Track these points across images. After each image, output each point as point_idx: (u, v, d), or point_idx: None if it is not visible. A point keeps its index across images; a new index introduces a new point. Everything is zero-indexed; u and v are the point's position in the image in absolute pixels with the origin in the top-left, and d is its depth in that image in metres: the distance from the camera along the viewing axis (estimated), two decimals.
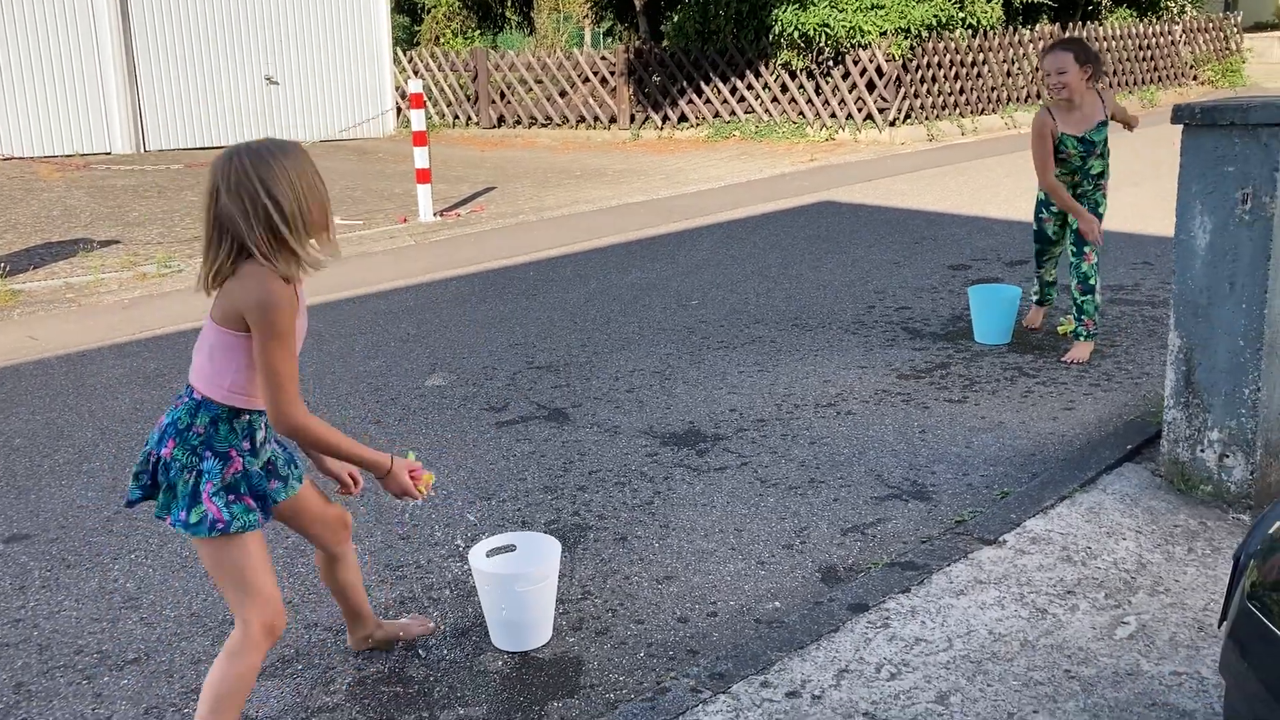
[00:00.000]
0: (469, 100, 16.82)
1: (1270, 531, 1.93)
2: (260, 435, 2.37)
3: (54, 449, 4.39)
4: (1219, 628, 2.62)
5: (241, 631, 2.29)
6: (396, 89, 16.31)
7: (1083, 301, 5.00)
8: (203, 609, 3.10)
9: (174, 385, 5.11)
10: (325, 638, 2.93)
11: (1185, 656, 2.66)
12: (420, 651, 2.85)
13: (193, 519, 2.22)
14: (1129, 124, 5.16)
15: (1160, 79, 18.29)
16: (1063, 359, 5.02)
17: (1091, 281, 4.97)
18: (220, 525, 2.23)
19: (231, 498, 2.26)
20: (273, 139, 2.26)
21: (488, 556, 2.88)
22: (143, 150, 13.47)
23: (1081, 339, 5.06)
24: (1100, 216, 4.96)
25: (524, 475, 3.97)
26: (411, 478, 2.44)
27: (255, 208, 2.15)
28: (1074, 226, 4.98)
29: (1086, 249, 4.96)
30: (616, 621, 2.96)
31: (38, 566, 3.40)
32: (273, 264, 2.17)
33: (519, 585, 2.74)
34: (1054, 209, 5.12)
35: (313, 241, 2.24)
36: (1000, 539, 3.27)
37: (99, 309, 6.67)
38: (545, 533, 3.36)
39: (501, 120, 16.52)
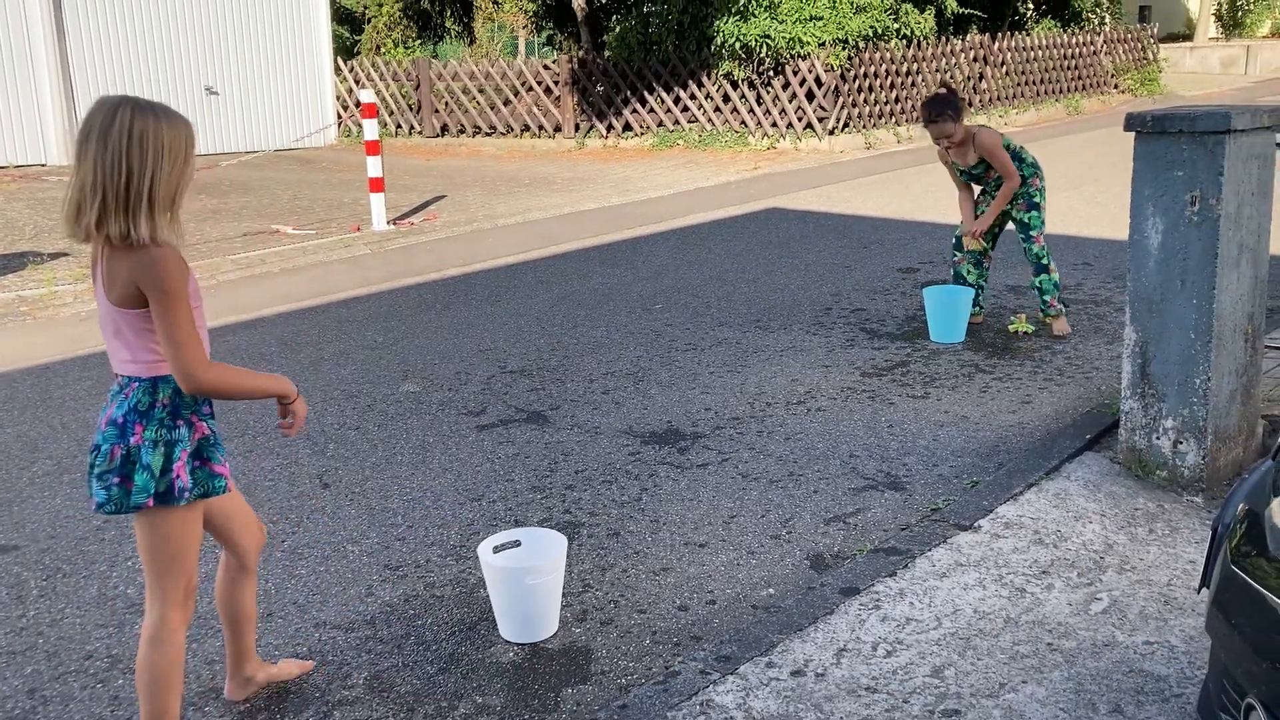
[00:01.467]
0: (412, 109, 16.81)
1: (1243, 502, 2.12)
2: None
3: (30, 461, 4.37)
4: (1198, 592, 2.82)
5: (158, 614, 2.33)
6: (337, 98, 16.24)
7: (1040, 282, 5.53)
8: (208, 611, 3.14)
9: None
10: (335, 635, 3.00)
11: (1155, 628, 2.85)
12: (432, 645, 2.93)
13: (160, 487, 2.23)
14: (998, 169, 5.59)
15: (1084, 87, 18.92)
16: (1055, 335, 5.57)
17: (1044, 261, 5.50)
18: (186, 492, 2.26)
19: (197, 463, 2.32)
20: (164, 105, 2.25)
21: (494, 552, 2.97)
22: None
23: (1054, 316, 5.58)
24: (1038, 207, 5.56)
25: (511, 476, 4.06)
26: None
27: (137, 171, 2.13)
28: (1018, 217, 5.55)
29: (1033, 233, 5.50)
30: (619, 612, 3.08)
31: (33, 576, 3.41)
32: (147, 228, 2.15)
33: (530, 578, 2.85)
34: (963, 250, 5.74)
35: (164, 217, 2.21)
36: (975, 525, 3.45)
37: (56, 322, 6.60)
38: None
39: (445, 129, 16.52)
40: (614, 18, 17.23)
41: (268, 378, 2.39)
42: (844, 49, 14.17)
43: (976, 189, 5.79)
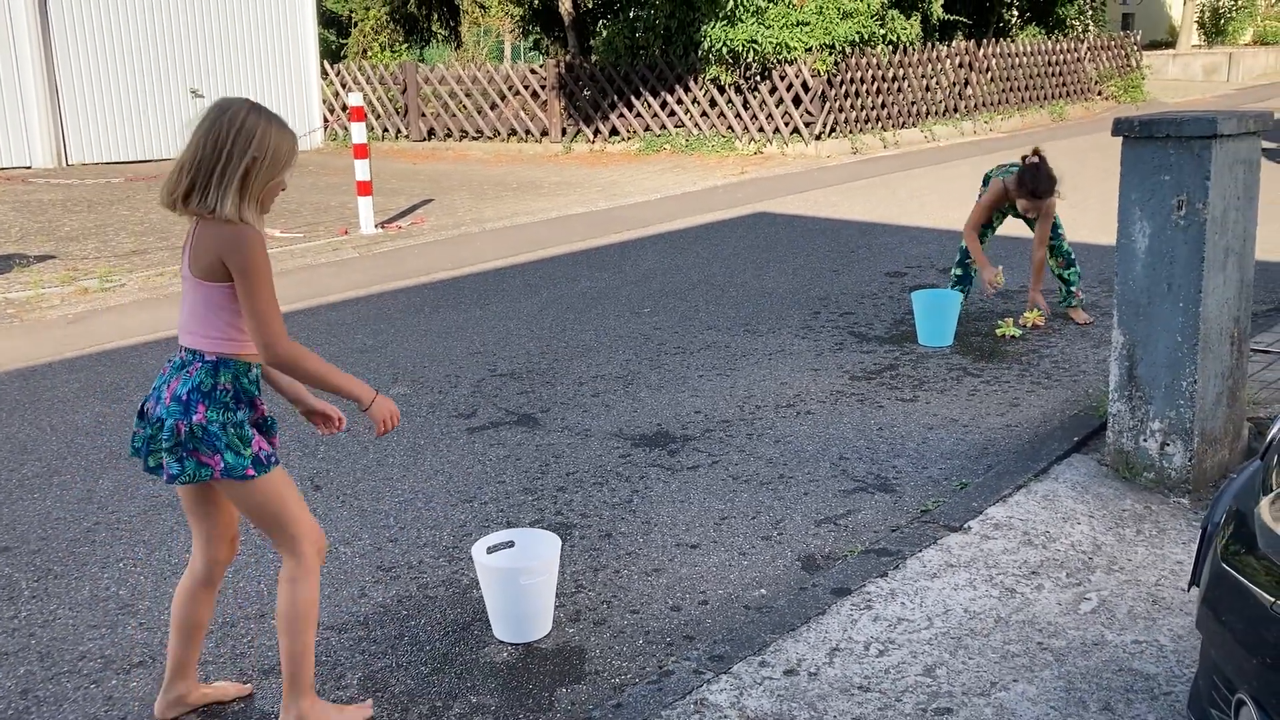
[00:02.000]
0: (398, 113, 16.79)
1: (1233, 501, 2.15)
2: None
3: (20, 463, 4.35)
4: (1188, 590, 2.86)
5: (295, 560, 2.46)
6: (324, 102, 16.21)
7: (1069, 274, 5.91)
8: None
9: (134, 399, 5.09)
10: (329, 636, 3.00)
11: (1144, 627, 2.88)
12: (426, 646, 2.94)
13: (245, 462, 2.35)
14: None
15: (1068, 94, 19.05)
16: (1078, 324, 5.91)
17: (1071, 255, 5.92)
18: (272, 458, 2.42)
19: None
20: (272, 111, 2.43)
21: (488, 553, 2.98)
22: (65, 164, 13.19)
23: (1073, 305, 5.96)
24: (1059, 226, 5.97)
25: (502, 478, 4.07)
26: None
27: (235, 156, 2.29)
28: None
29: (1061, 231, 5.89)
30: (612, 612, 3.09)
31: (24, 577, 3.40)
32: (234, 207, 2.30)
33: (524, 578, 2.86)
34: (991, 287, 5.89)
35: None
36: (965, 526, 3.47)
37: (44, 324, 6.58)
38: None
39: (431, 133, 16.52)
40: (601, 22, 17.27)
41: (345, 376, 2.47)
42: (830, 54, 14.23)
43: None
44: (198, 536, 2.57)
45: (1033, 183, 5.62)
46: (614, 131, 15.66)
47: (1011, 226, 6.31)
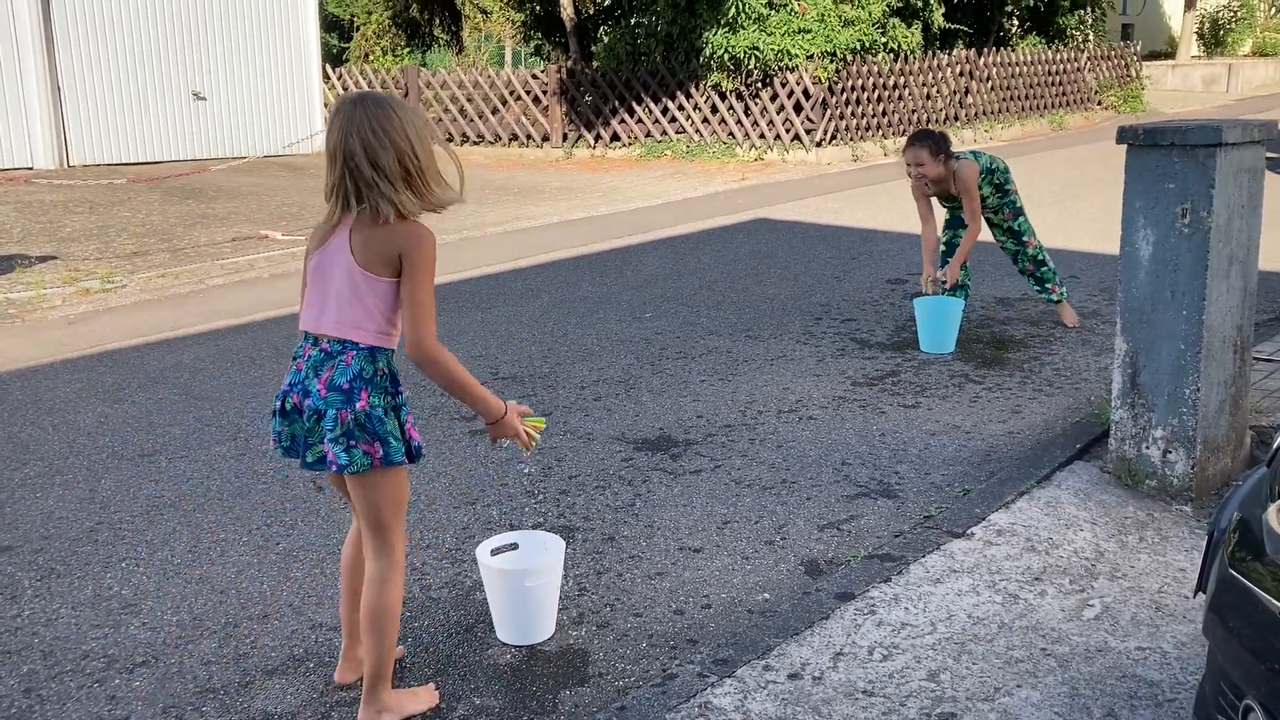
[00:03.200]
0: None
1: (1238, 508, 2.15)
2: None
3: (22, 462, 4.35)
4: (1194, 597, 2.86)
5: (387, 559, 2.51)
6: (325, 106, 16.20)
7: (1042, 273, 5.81)
8: (204, 612, 3.14)
9: (136, 399, 5.10)
10: (332, 636, 3.00)
11: (1147, 634, 2.88)
12: (429, 648, 2.94)
13: (400, 449, 2.42)
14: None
15: (1067, 103, 19.09)
16: (1068, 326, 5.90)
17: (1040, 256, 5.79)
18: (421, 448, 2.51)
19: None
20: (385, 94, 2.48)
21: (492, 555, 2.98)
22: (66, 165, 13.19)
23: (1057, 302, 5.87)
24: (1023, 211, 5.84)
25: (505, 480, 4.07)
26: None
27: (384, 152, 2.35)
28: (1007, 226, 5.80)
29: (1025, 239, 5.76)
30: (615, 615, 3.09)
31: (26, 576, 3.39)
32: (404, 204, 2.37)
33: (528, 580, 2.86)
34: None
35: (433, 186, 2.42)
36: (968, 532, 3.47)
37: (45, 324, 6.57)
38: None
39: None
40: (602, 28, 17.30)
41: (484, 391, 2.51)
42: (832, 62, 14.26)
43: (940, 215, 5.91)
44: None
45: (909, 138, 5.59)
46: (615, 137, 15.68)
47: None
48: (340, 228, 2.42)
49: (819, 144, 14.37)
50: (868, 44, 14.71)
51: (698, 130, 15.10)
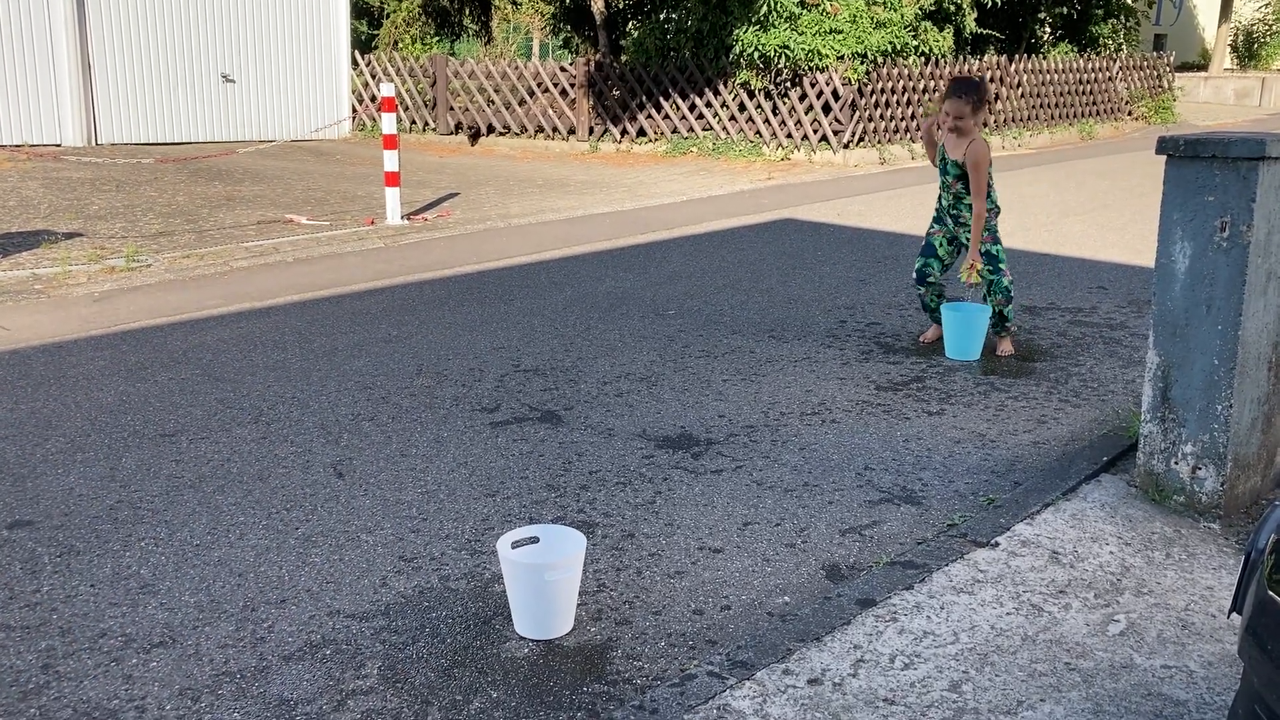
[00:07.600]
0: (427, 106, 16.82)
1: (1277, 529, 2.11)
2: None
3: (44, 438, 4.36)
4: (1229, 617, 2.81)
5: None
6: (353, 92, 16.25)
7: (1008, 311, 5.61)
8: (222, 595, 3.13)
9: (158, 378, 5.11)
10: (350, 624, 2.99)
11: (1174, 651, 2.84)
12: (446, 638, 2.92)
13: None
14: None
15: (1098, 113, 18.94)
16: (997, 353, 5.62)
17: (1011, 292, 5.59)
18: None
19: None
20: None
21: (512, 548, 2.96)
22: (95, 143, 13.26)
23: (1004, 336, 5.67)
24: (999, 239, 5.60)
25: (525, 474, 4.05)
26: None
27: None
28: (986, 250, 5.53)
29: (1002, 266, 5.54)
30: (634, 613, 3.06)
31: (46, 553, 3.40)
32: None
33: (549, 574, 2.84)
34: (944, 223, 5.68)
35: None
36: (993, 542, 3.43)
37: (70, 301, 6.60)
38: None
39: (459, 127, 16.54)
40: (632, 23, 17.26)
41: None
42: (862, 63, 14.18)
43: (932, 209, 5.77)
44: None
45: (952, 82, 5.48)
46: (641, 132, 15.64)
47: (1036, 242, 6.26)
48: None
49: (846, 145, 14.30)
50: (899, 46, 14.63)
51: (724, 128, 15.05)
